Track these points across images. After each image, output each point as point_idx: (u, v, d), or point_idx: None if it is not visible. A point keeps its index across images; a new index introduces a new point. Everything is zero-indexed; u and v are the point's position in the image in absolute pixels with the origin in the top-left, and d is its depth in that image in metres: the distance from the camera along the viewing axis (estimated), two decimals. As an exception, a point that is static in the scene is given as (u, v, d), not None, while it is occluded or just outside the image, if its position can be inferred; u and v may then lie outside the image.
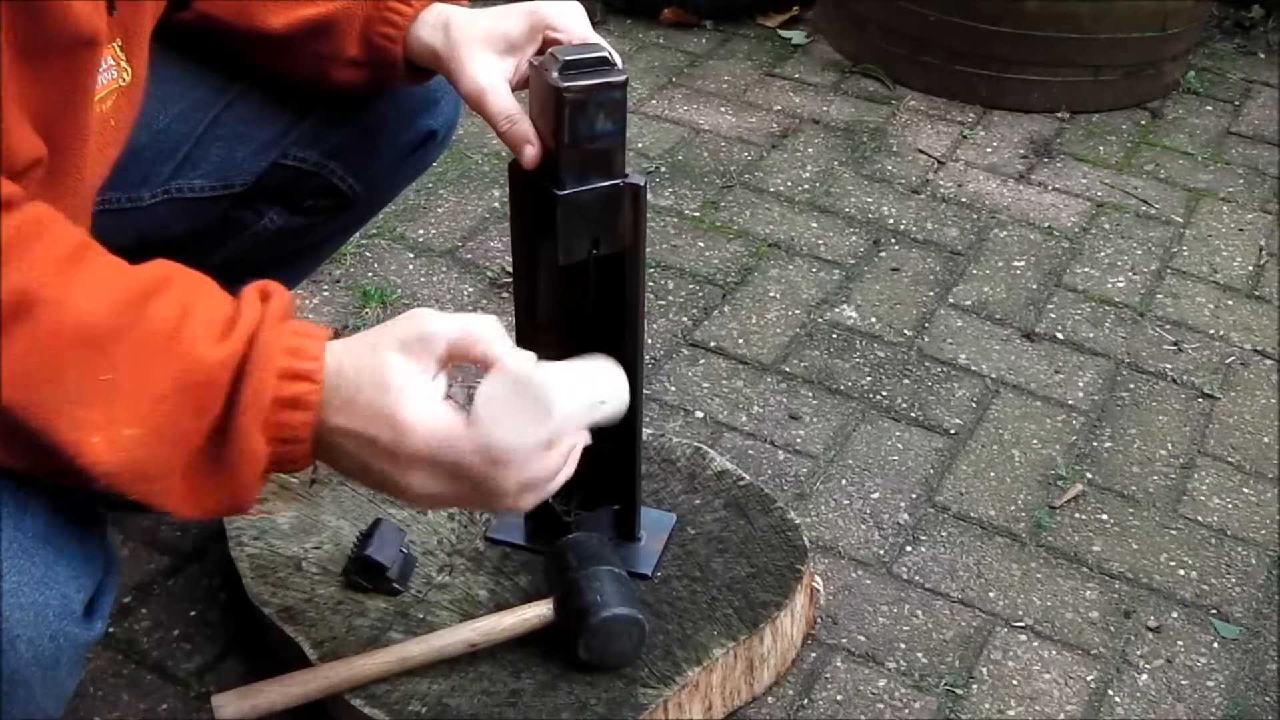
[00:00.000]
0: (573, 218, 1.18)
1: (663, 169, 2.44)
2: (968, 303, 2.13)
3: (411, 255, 2.16)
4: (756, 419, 1.85)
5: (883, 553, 1.65)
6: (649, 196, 1.27)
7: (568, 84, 1.12)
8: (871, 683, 1.48)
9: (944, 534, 1.68)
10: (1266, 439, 1.89)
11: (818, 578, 1.53)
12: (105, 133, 1.05)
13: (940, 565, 1.64)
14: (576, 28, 1.20)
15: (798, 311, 2.08)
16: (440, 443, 0.91)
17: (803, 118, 2.65)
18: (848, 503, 1.72)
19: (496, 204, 2.30)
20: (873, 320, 2.07)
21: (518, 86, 1.21)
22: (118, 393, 0.84)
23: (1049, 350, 2.04)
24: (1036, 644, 1.54)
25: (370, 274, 2.10)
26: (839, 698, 1.46)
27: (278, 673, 1.30)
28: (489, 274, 2.12)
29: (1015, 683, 1.49)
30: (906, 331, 2.05)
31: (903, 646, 1.52)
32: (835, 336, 2.03)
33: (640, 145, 2.50)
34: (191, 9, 1.28)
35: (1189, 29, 2.78)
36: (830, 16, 2.97)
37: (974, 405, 1.91)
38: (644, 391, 1.38)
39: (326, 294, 2.04)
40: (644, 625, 1.31)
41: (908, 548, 1.66)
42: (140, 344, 0.85)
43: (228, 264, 1.47)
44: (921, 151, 2.56)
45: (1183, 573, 1.66)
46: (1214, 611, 1.61)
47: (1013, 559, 1.66)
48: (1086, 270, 2.24)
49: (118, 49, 1.05)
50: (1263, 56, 3.06)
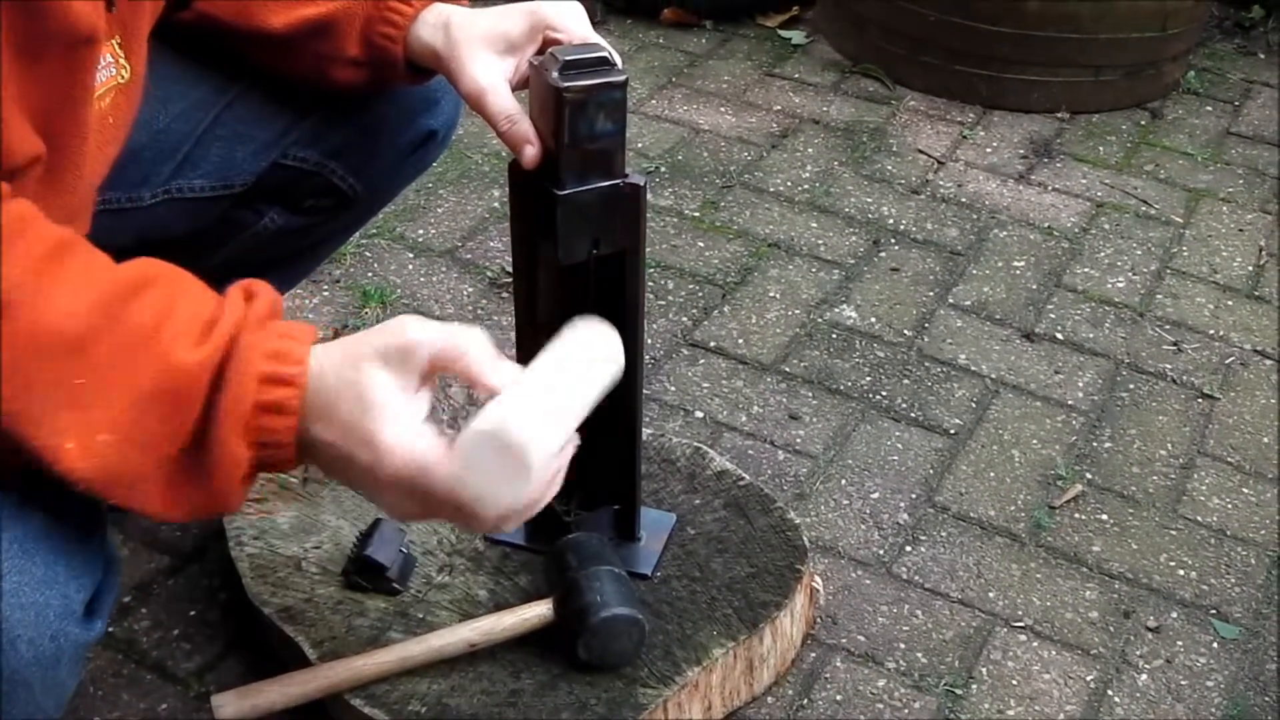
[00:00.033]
0: (573, 218, 1.18)
1: (663, 169, 2.44)
2: (967, 303, 2.13)
3: (411, 255, 2.16)
4: (756, 419, 1.85)
5: (882, 553, 1.65)
6: (649, 196, 1.27)
7: (568, 84, 1.12)
8: (871, 683, 1.48)
9: (944, 534, 1.68)
10: (1266, 439, 1.89)
11: (817, 578, 1.53)
12: (104, 130, 1.05)
13: (940, 565, 1.64)
14: (577, 28, 1.20)
15: (797, 311, 2.08)
16: (416, 472, 0.88)
17: (803, 118, 2.65)
18: (847, 503, 1.72)
19: (496, 204, 2.30)
20: (872, 320, 2.07)
21: (518, 86, 1.21)
22: (93, 397, 0.83)
23: (1049, 350, 2.04)
24: (1036, 644, 1.54)
25: (370, 274, 2.10)
26: (839, 698, 1.46)
27: (277, 673, 1.30)
28: (489, 274, 2.12)
29: (1015, 683, 1.49)
30: (906, 331, 2.05)
31: (902, 646, 1.52)
32: (835, 336, 2.03)
33: (640, 145, 2.50)
34: (192, 9, 1.28)
35: (1189, 29, 2.78)
36: (830, 16, 2.97)
37: (974, 405, 1.91)
38: (644, 391, 1.38)
39: (326, 294, 2.04)
40: (644, 625, 1.31)
41: (907, 548, 1.66)
42: (117, 347, 0.84)
43: (228, 264, 1.47)
44: (921, 151, 2.56)
45: (1182, 573, 1.66)
46: (1213, 612, 1.61)
47: (1012, 559, 1.66)
48: (1086, 270, 2.24)
49: (116, 46, 1.05)
50: (1262, 57, 3.06)
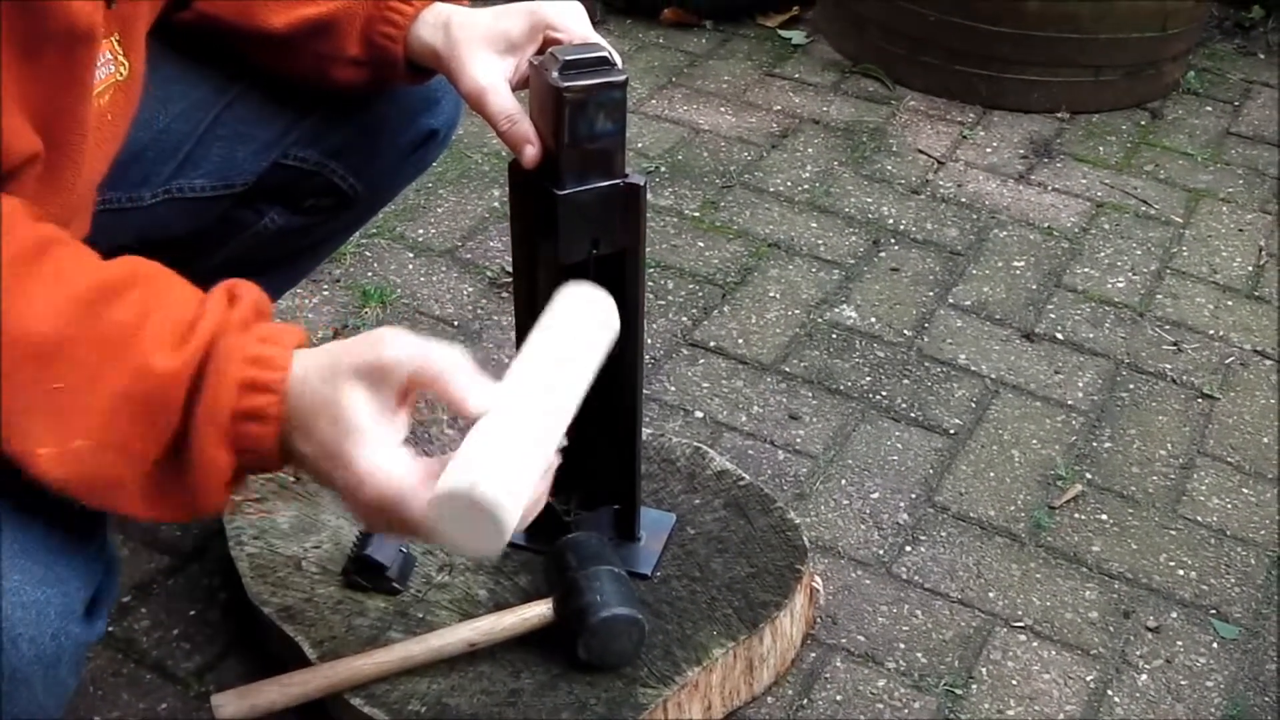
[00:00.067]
0: (573, 217, 1.18)
1: (662, 169, 2.44)
2: (967, 303, 2.13)
3: (411, 255, 2.16)
4: (756, 419, 1.85)
5: (882, 553, 1.65)
6: (649, 196, 1.27)
7: (568, 84, 1.12)
8: (871, 683, 1.48)
9: (943, 534, 1.68)
10: (1266, 439, 1.89)
11: (817, 578, 1.53)
12: (103, 128, 1.05)
13: (940, 565, 1.64)
14: (577, 27, 1.20)
15: (797, 311, 2.08)
16: (393, 502, 0.86)
17: (803, 118, 2.65)
18: (847, 503, 1.72)
19: (496, 204, 2.30)
20: (872, 320, 2.07)
21: (518, 86, 1.21)
22: (67, 403, 0.82)
23: (1049, 350, 2.04)
24: (1036, 644, 1.54)
25: (370, 273, 2.10)
26: (838, 698, 1.46)
27: (277, 672, 1.30)
28: (489, 274, 2.12)
29: (1015, 683, 1.49)
30: (906, 331, 2.05)
31: (902, 646, 1.52)
32: (835, 336, 2.03)
33: (640, 145, 2.50)
34: (192, 8, 1.28)
35: (1189, 29, 2.78)
36: (830, 16, 2.97)
37: (973, 405, 1.91)
38: (644, 391, 1.38)
39: (326, 293, 2.04)
40: (644, 625, 1.31)
41: (907, 548, 1.66)
42: (92, 352, 0.83)
43: (229, 263, 1.47)
44: (921, 151, 2.56)
45: (1182, 573, 1.66)
46: (1213, 612, 1.61)
47: (1012, 559, 1.66)
48: (1086, 270, 2.24)
49: (115, 43, 1.05)
50: (1262, 57, 3.06)
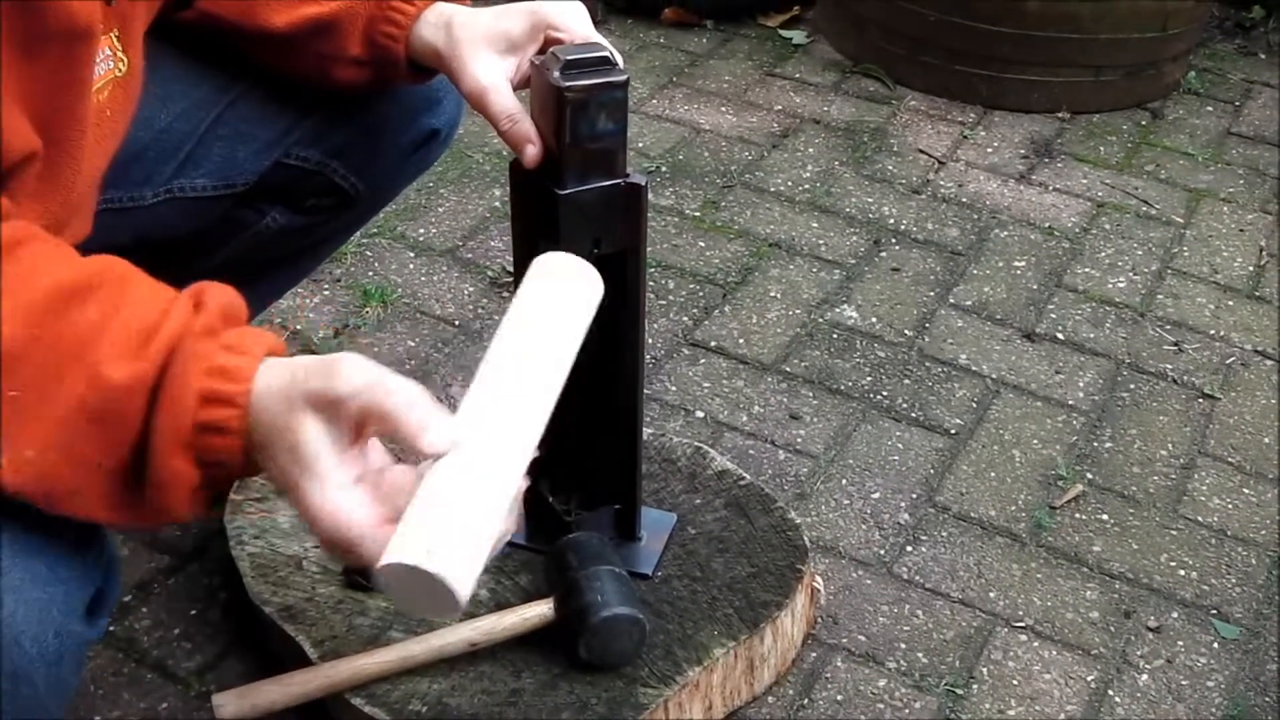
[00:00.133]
0: (574, 217, 1.18)
1: (663, 168, 2.44)
2: (968, 303, 2.13)
3: (412, 254, 2.16)
4: (757, 419, 1.85)
5: (883, 553, 1.65)
6: (650, 196, 1.27)
7: (569, 84, 1.12)
8: (872, 682, 1.48)
9: (944, 534, 1.68)
10: (1267, 439, 1.89)
11: (818, 577, 1.53)
12: (103, 124, 1.05)
13: (940, 565, 1.64)
14: (578, 27, 1.20)
15: (798, 311, 2.08)
16: (346, 545, 0.84)
17: (803, 118, 2.65)
18: (848, 503, 1.72)
19: (497, 203, 2.30)
20: (873, 320, 2.07)
21: (519, 86, 1.21)
22: (22, 411, 0.80)
23: (1049, 350, 2.04)
24: (1037, 644, 1.54)
25: (371, 273, 2.10)
26: (839, 698, 1.46)
27: (278, 672, 1.30)
28: (489, 273, 2.12)
29: (1015, 683, 1.49)
30: (907, 331, 2.05)
31: (903, 646, 1.52)
32: (836, 336, 2.03)
33: (641, 145, 2.50)
34: (194, 8, 1.28)
35: (1190, 29, 2.78)
36: (831, 16, 2.97)
37: (974, 405, 1.91)
38: (645, 391, 1.38)
39: (327, 293, 2.04)
40: (644, 625, 1.31)
41: (908, 548, 1.66)
42: (49, 358, 0.81)
43: (230, 263, 1.47)
44: (922, 151, 2.56)
45: (1183, 573, 1.66)
46: (1214, 612, 1.61)
47: (1013, 559, 1.66)
48: (1087, 270, 2.24)
49: (115, 39, 1.05)
50: (1263, 57, 3.06)
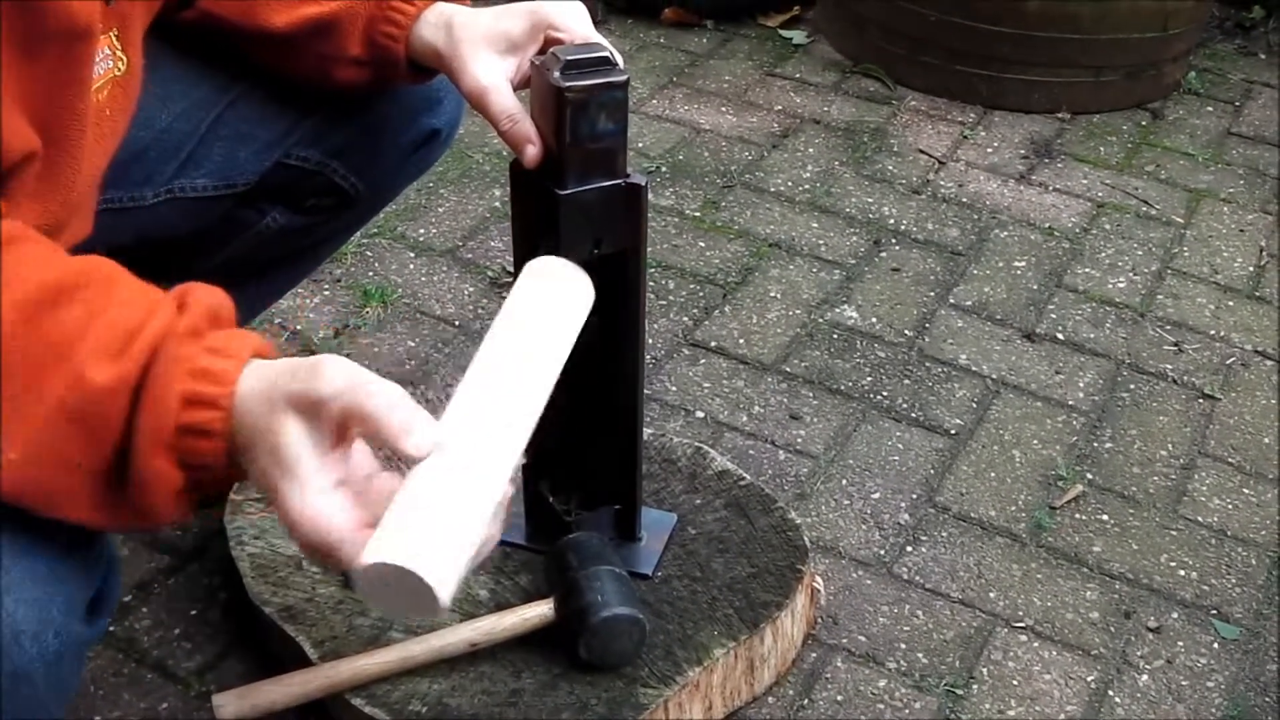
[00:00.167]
0: (574, 217, 1.18)
1: (663, 169, 2.44)
2: (968, 303, 2.13)
3: (412, 254, 2.16)
4: (757, 419, 1.85)
5: (883, 553, 1.65)
6: (650, 196, 1.27)
7: (569, 84, 1.12)
8: (872, 683, 1.48)
9: (944, 534, 1.68)
10: (1267, 440, 1.89)
11: (818, 578, 1.53)
12: (102, 123, 1.05)
13: (941, 565, 1.64)
14: (578, 27, 1.20)
15: (798, 311, 2.08)
16: (325, 550, 0.83)
17: (803, 118, 2.65)
18: (848, 503, 1.72)
19: (497, 203, 2.30)
20: (873, 320, 2.07)
21: (519, 86, 1.21)
22: (6, 414, 0.80)
23: (1049, 351, 2.04)
24: (1037, 644, 1.54)
25: (371, 273, 2.10)
26: (839, 698, 1.46)
27: (278, 672, 1.30)
28: (489, 273, 2.12)
29: (1015, 683, 1.49)
30: (907, 332, 2.05)
31: (903, 647, 1.52)
32: (836, 337, 2.03)
33: (641, 145, 2.50)
34: (195, 7, 1.28)
35: (1190, 30, 2.78)
36: (831, 16, 2.97)
37: (974, 405, 1.91)
38: (645, 391, 1.38)
39: (327, 293, 2.04)
40: (644, 625, 1.31)
41: (908, 548, 1.66)
42: (31, 360, 0.81)
43: (230, 263, 1.47)
44: (922, 152, 2.56)
45: (1183, 573, 1.66)
46: (1214, 612, 1.61)
47: (1013, 559, 1.66)
48: (1087, 271, 2.24)
49: (114, 38, 1.05)
50: (1263, 57, 3.06)
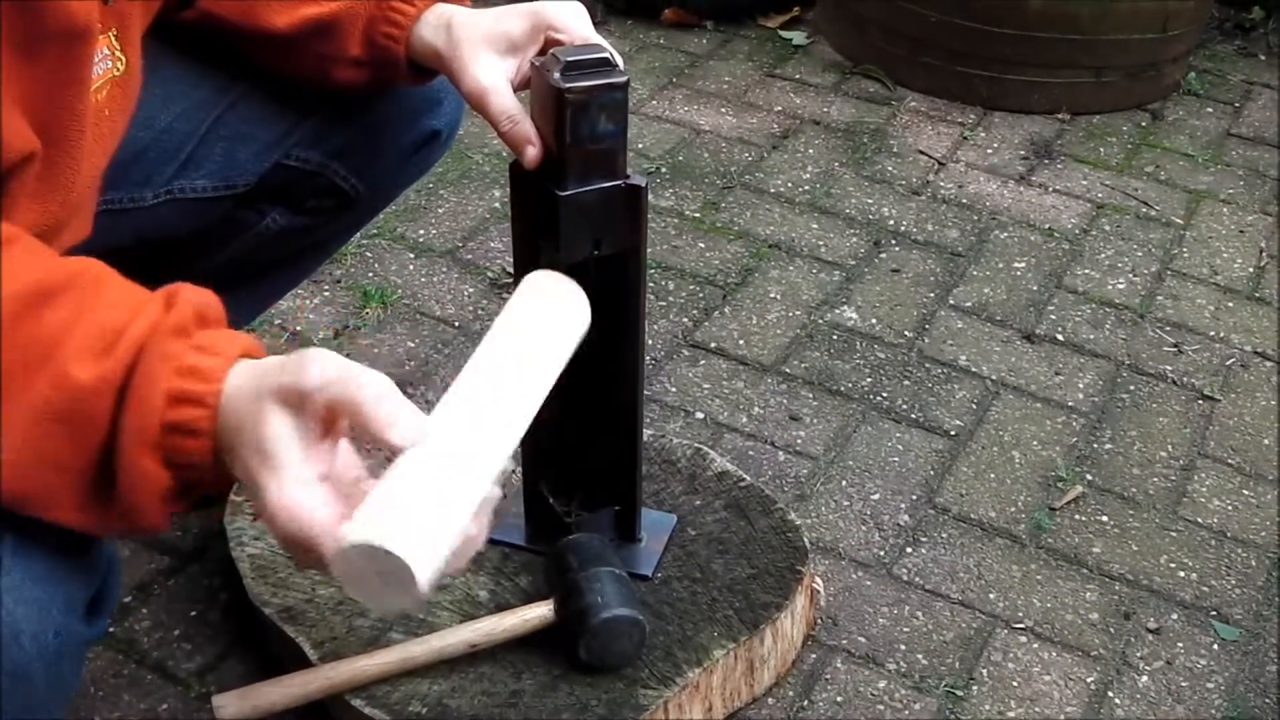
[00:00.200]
0: (574, 218, 1.18)
1: (663, 170, 2.44)
2: (968, 304, 2.13)
3: (412, 255, 2.16)
4: (757, 420, 1.85)
5: (883, 554, 1.65)
6: (650, 197, 1.27)
7: (569, 85, 1.12)
8: (872, 684, 1.48)
9: (944, 535, 1.68)
10: (1267, 441, 1.89)
11: (818, 579, 1.53)
12: (101, 124, 1.05)
13: (940, 567, 1.64)
14: (578, 28, 1.20)
15: (798, 312, 2.08)
16: (305, 543, 0.82)
17: (803, 118, 2.65)
18: (848, 504, 1.72)
19: (497, 204, 2.30)
20: (873, 321, 2.07)
21: (519, 87, 1.21)
22: None
23: (1049, 352, 2.04)
24: (1036, 645, 1.54)
25: (371, 274, 2.10)
26: (839, 699, 1.46)
27: (278, 673, 1.30)
28: (489, 274, 2.12)
29: (1015, 684, 1.49)
30: (907, 333, 2.05)
31: (903, 648, 1.52)
32: (836, 338, 2.03)
33: (641, 146, 2.50)
34: (195, 8, 1.28)
35: (1190, 31, 2.78)
36: (831, 17, 2.97)
37: (974, 407, 1.91)
38: (645, 392, 1.38)
39: (327, 294, 2.04)
40: (644, 626, 1.31)
41: (908, 549, 1.66)
42: (17, 359, 0.80)
43: (231, 264, 1.47)
44: (922, 152, 2.56)
45: (1183, 574, 1.66)
46: (1214, 613, 1.61)
47: (1013, 560, 1.66)
48: (1087, 272, 2.24)
49: (113, 38, 1.05)
50: (1263, 58, 3.06)
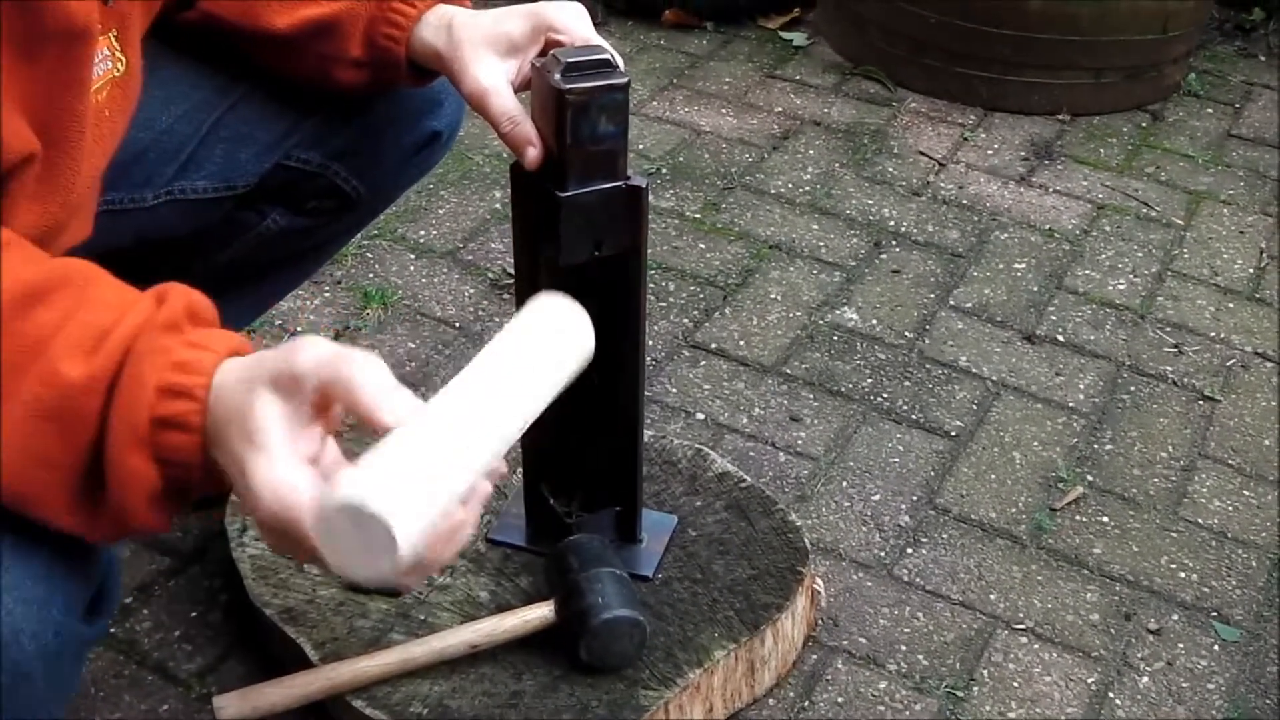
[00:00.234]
0: (575, 219, 1.18)
1: (664, 170, 2.45)
2: (969, 305, 2.13)
3: (413, 256, 2.16)
4: (757, 421, 1.85)
5: (884, 555, 1.65)
6: (650, 198, 1.27)
7: (570, 86, 1.12)
8: (872, 685, 1.48)
9: (945, 536, 1.68)
10: (1267, 441, 1.89)
11: (819, 580, 1.53)
12: (101, 124, 1.05)
13: (941, 567, 1.64)
14: (579, 29, 1.20)
15: (799, 313, 2.08)
16: (287, 522, 0.80)
17: (803, 119, 2.65)
18: (849, 505, 1.72)
19: (498, 205, 2.30)
20: (874, 322, 2.07)
21: (520, 88, 1.21)
22: None
23: (1050, 352, 2.04)
24: (1037, 646, 1.54)
25: (371, 275, 2.10)
26: (840, 700, 1.46)
27: (279, 674, 1.30)
28: (490, 275, 2.12)
29: (1016, 685, 1.49)
30: (907, 334, 2.05)
31: (903, 648, 1.52)
32: (836, 338, 2.03)
33: (641, 147, 2.50)
34: (196, 8, 1.28)
35: (1190, 31, 2.78)
36: (831, 18, 2.98)
37: (975, 407, 1.91)
38: (645, 393, 1.38)
39: (328, 295, 2.04)
40: (645, 627, 1.31)
41: (909, 550, 1.66)
42: (8, 361, 0.80)
43: (231, 265, 1.47)
44: (922, 153, 2.56)
45: (1183, 575, 1.66)
46: (1214, 614, 1.61)
47: (1014, 561, 1.66)
48: (1087, 273, 2.24)
49: (113, 39, 1.05)
50: (1263, 59, 3.06)
